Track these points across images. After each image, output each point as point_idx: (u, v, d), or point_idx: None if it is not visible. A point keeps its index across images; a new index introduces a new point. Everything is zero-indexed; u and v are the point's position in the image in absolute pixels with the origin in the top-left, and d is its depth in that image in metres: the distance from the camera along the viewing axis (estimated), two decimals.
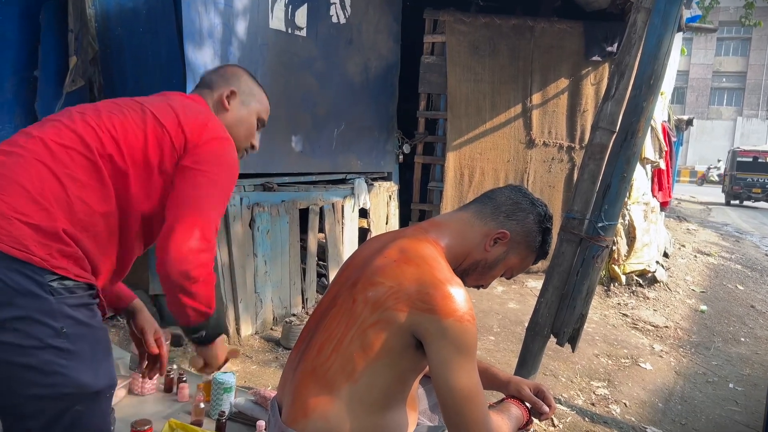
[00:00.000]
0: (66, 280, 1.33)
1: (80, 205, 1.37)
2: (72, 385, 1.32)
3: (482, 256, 1.52)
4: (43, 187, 1.33)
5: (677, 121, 10.83)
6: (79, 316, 1.34)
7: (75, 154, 1.38)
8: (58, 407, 1.33)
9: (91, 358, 1.36)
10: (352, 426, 1.34)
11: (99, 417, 1.41)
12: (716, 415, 3.50)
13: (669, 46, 2.58)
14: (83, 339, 1.35)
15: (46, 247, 1.30)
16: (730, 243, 9.45)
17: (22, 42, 3.29)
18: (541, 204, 1.57)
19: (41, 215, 1.31)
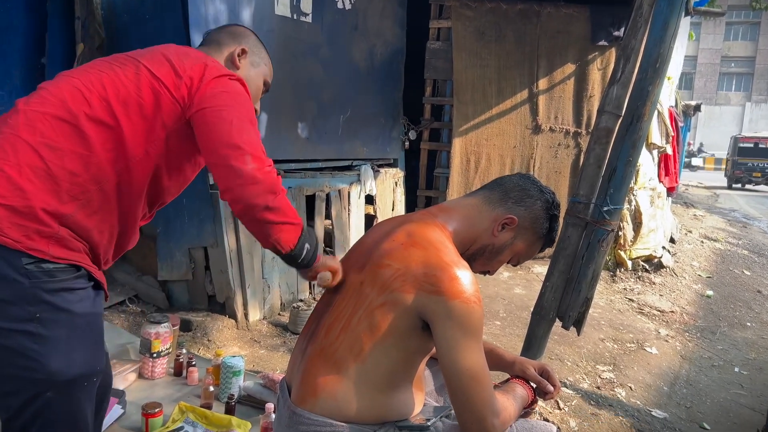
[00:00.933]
0: (45, 263, 1.28)
1: (64, 174, 1.32)
2: (43, 372, 1.30)
3: (490, 241, 1.54)
4: (20, 163, 1.28)
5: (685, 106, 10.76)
6: (56, 301, 1.30)
7: (56, 122, 1.33)
8: (31, 391, 1.31)
9: (65, 346, 1.32)
10: (360, 405, 1.36)
11: (73, 405, 1.37)
12: (721, 399, 3.52)
13: (675, 30, 2.57)
14: (59, 325, 1.31)
15: (21, 228, 1.26)
16: (737, 229, 9.42)
17: (30, 29, 3.31)
18: (549, 192, 1.59)
19: (16, 195, 1.26)
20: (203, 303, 3.93)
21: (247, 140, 1.36)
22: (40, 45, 3.36)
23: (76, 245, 1.35)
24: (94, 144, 1.34)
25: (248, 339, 3.72)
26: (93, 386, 1.43)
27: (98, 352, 1.43)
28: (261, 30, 3.92)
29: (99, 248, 1.44)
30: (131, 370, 2.71)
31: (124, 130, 1.38)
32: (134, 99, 1.39)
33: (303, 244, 1.45)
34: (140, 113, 1.39)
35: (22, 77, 3.28)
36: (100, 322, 1.44)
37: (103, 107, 1.36)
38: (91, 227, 1.38)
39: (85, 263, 1.37)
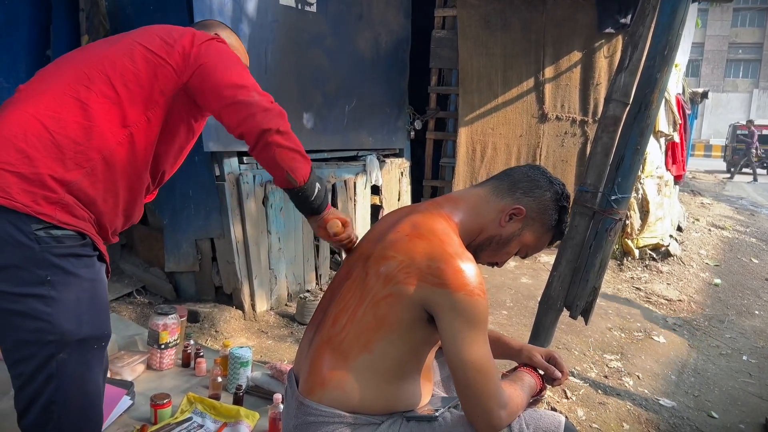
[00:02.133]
0: (53, 229, 1.34)
1: (69, 143, 1.37)
2: (55, 332, 1.35)
3: (497, 231, 1.52)
4: (26, 133, 1.34)
5: (692, 93, 10.69)
6: (65, 265, 1.36)
7: (59, 95, 1.40)
8: (44, 353, 1.36)
9: (75, 307, 1.38)
10: (367, 395, 1.37)
11: (83, 366, 1.42)
12: (729, 387, 3.51)
13: (684, 16, 2.54)
14: (69, 287, 1.37)
15: (30, 194, 1.32)
16: (744, 217, 9.37)
17: (34, 22, 3.30)
18: (559, 183, 1.57)
19: (24, 163, 1.32)
20: (210, 294, 3.94)
21: (248, 81, 1.46)
22: (44, 37, 3.36)
23: (81, 213, 1.40)
24: (95, 115, 1.40)
25: (255, 330, 3.73)
26: (101, 351, 1.48)
27: (104, 316, 1.48)
28: (266, 20, 3.90)
29: (104, 217, 1.48)
30: (139, 361, 2.73)
31: (124, 101, 1.44)
32: (130, 71, 1.45)
33: (314, 181, 1.52)
34: (137, 83, 1.46)
35: (27, 70, 3.28)
36: (105, 291, 1.49)
37: (103, 80, 1.42)
38: (96, 196, 1.43)
39: (90, 232, 1.43)
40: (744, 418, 3.14)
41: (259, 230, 3.94)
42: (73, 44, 3.51)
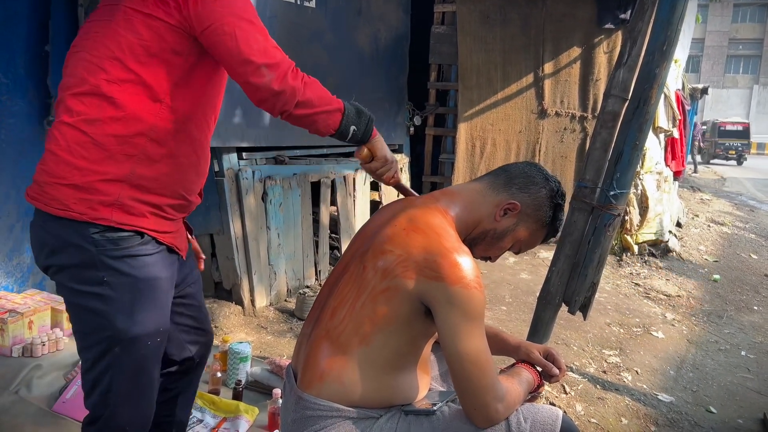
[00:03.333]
0: (109, 232, 1.40)
1: (109, 140, 1.39)
2: (111, 329, 1.43)
3: (492, 225, 1.53)
4: (69, 144, 1.39)
5: (692, 89, 10.67)
6: (120, 267, 1.42)
7: (85, 98, 1.40)
8: (101, 346, 1.45)
9: (129, 307, 1.44)
10: (366, 388, 1.37)
11: (138, 361, 1.49)
12: (728, 383, 3.52)
13: (683, 12, 2.54)
14: (124, 288, 1.43)
15: (86, 202, 1.38)
16: (744, 212, 9.38)
17: (33, 17, 3.29)
18: (555, 180, 1.58)
19: (74, 174, 1.38)
20: (210, 290, 3.95)
21: (256, 49, 1.39)
22: (43, 32, 3.34)
23: (141, 209, 1.44)
24: (124, 103, 1.40)
25: (255, 325, 3.74)
26: (157, 346, 1.53)
27: (161, 314, 1.52)
28: (264, 16, 3.90)
29: (178, 186, 1.52)
30: None
31: (144, 77, 1.41)
32: (137, 44, 1.40)
33: (347, 126, 1.51)
34: (148, 54, 1.41)
35: (26, 65, 3.27)
36: (165, 286, 1.53)
37: (116, 66, 1.40)
38: (159, 174, 1.46)
39: (148, 229, 1.46)
40: (742, 413, 3.15)
41: (258, 226, 3.95)
42: (72, 39, 3.50)
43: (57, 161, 1.40)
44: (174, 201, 1.53)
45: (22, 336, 2.71)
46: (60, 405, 2.38)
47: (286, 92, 1.40)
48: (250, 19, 1.42)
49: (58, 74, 3.42)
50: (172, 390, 1.80)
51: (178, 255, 1.60)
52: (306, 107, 1.44)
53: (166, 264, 1.54)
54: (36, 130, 3.36)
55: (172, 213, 1.54)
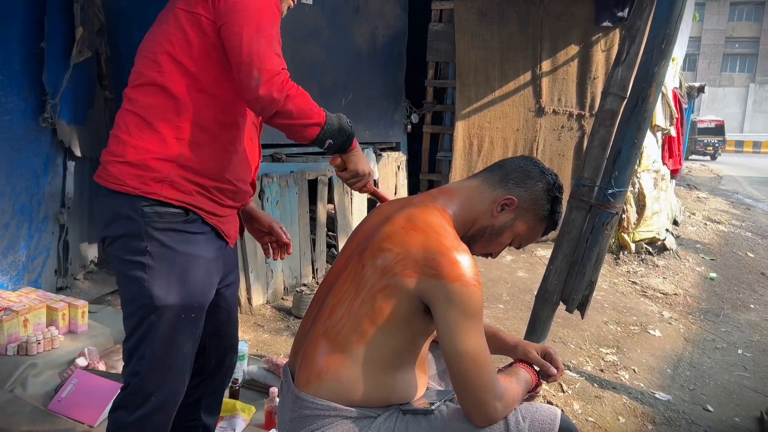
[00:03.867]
0: (158, 206, 1.53)
1: (162, 124, 1.53)
2: (147, 295, 1.53)
3: (489, 222, 1.52)
4: (128, 127, 1.55)
5: (689, 88, 10.69)
6: (163, 239, 1.54)
7: (143, 88, 1.56)
8: (139, 314, 1.55)
9: (167, 277, 1.54)
10: (364, 386, 1.36)
11: (170, 331, 1.57)
12: (725, 381, 3.52)
13: (682, 10, 2.53)
14: (164, 259, 1.54)
15: (139, 177, 1.52)
16: (740, 211, 9.39)
17: (28, 13, 3.27)
18: (552, 173, 1.56)
19: (130, 152, 1.53)
20: None
21: (255, 50, 1.47)
22: (39, 29, 3.32)
23: (187, 187, 1.55)
24: (175, 92, 1.53)
25: (252, 323, 3.73)
26: (191, 321, 1.61)
27: (198, 290, 1.60)
28: None
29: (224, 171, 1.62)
30: None
31: (190, 69, 1.54)
32: (182, 39, 1.54)
33: (323, 139, 1.57)
34: (191, 48, 1.54)
35: (21, 62, 3.25)
36: (206, 266, 1.62)
37: (167, 60, 1.54)
38: (205, 158, 1.57)
39: (195, 206, 1.57)
40: (739, 412, 3.15)
41: None
42: (68, 36, 3.49)
43: (117, 142, 1.55)
44: (220, 184, 1.62)
45: (17, 334, 2.69)
46: (55, 404, 2.37)
47: (264, 100, 1.46)
48: (261, 23, 1.50)
49: (54, 71, 3.43)
50: (193, 394, 1.83)
51: (225, 243, 1.69)
52: (284, 118, 1.51)
53: (211, 246, 1.63)
54: (31, 127, 3.34)
55: (219, 197, 1.63)
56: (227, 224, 1.68)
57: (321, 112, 1.55)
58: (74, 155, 3.63)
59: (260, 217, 1.97)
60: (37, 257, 3.47)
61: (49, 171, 3.50)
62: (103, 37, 3.82)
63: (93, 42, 3.66)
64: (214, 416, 1.98)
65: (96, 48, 3.73)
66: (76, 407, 2.35)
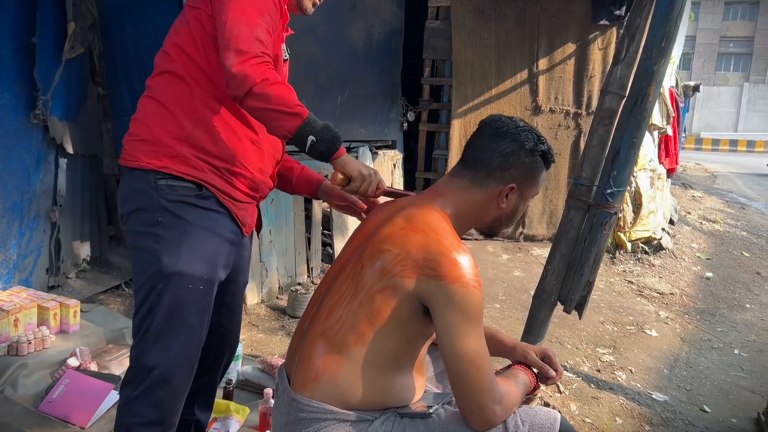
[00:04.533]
0: (171, 179, 1.58)
1: (175, 105, 1.59)
2: (156, 264, 1.57)
3: (499, 212, 1.50)
4: (146, 109, 1.63)
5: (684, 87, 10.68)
6: (174, 210, 1.58)
7: (159, 77, 1.64)
8: (149, 284, 1.59)
9: (177, 246, 1.58)
10: (361, 389, 1.35)
11: (177, 300, 1.59)
12: (721, 381, 3.51)
13: (682, 8, 2.51)
14: (175, 228, 1.58)
15: (153, 153, 1.58)
16: (735, 210, 9.40)
17: (19, 7, 3.22)
18: (524, 129, 1.49)
19: (145, 131, 1.60)
20: None
21: (235, 35, 1.47)
22: (30, 24, 3.28)
23: (200, 165, 1.60)
24: (186, 76, 1.60)
25: (246, 323, 3.70)
26: (199, 293, 1.62)
27: (206, 262, 1.63)
28: None
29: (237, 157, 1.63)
30: (128, 355, 2.68)
31: (195, 58, 1.60)
32: (187, 31, 1.61)
33: (304, 135, 1.50)
34: (195, 40, 1.60)
35: (12, 57, 3.20)
36: (218, 241, 1.65)
37: (176, 51, 1.62)
38: (217, 141, 1.61)
39: (208, 183, 1.61)
40: (736, 413, 3.14)
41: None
42: (60, 31, 3.44)
43: (135, 124, 1.63)
44: (233, 168, 1.63)
45: (7, 334, 2.66)
46: (46, 405, 2.34)
47: (238, 77, 1.45)
48: (247, 10, 1.51)
49: (45, 67, 3.39)
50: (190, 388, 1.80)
51: (240, 231, 1.71)
52: (260, 100, 1.46)
53: (225, 227, 1.66)
54: (22, 123, 3.30)
55: (233, 180, 1.65)
56: (243, 211, 1.70)
57: (304, 108, 1.50)
58: (66, 152, 3.59)
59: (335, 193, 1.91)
60: (29, 256, 3.43)
61: (41, 168, 3.46)
62: (96, 32, 3.78)
63: (85, 37, 3.62)
64: (207, 412, 1.99)
65: (88, 43, 3.70)
66: (68, 408, 2.31)
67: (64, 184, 3.61)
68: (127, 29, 3.72)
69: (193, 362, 1.68)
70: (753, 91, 37.12)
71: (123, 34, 3.75)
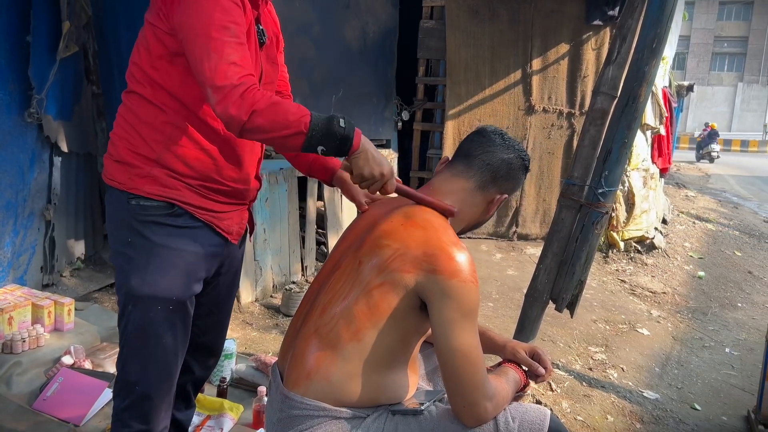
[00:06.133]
0: (142, 200, 1.56)
1: (142, 126, 1.57)
2: (124, 286, 1.59)
3: (484, 217, 1.58)
4: (119, 131, 1.61)
5: (678, 87, 10.73)
6: (143, 231, 1.57)
7: (126, 96, 1.62)
8: (122, 301, 1.62)
9: (144, 268, 1.58)
10: (354, 386, 1.35)
11: (146, 321, 1.59)
12: (712, 379, 3.54)
13: (673, 9, 2.53)
14: (142, 250, 1.57)
15: (125, 173, 1.57)
16: (728, 209, 9.45)
17: (14, 6, 3.22)
18: (521, 150, 1.57)
19: (118, 152, 1.59)
20: None
21: (207, 68, 1.40)
22: (24, 23, 3.28)
23: (171, 182, 1.57)
24: (152, 100, 1.56)
25: (240, 321, 3.71)
26: (170, 314, 1.61)
27: (175, 282, 1.61)
28: None
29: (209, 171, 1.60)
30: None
31: (154, 77, 1.56)
32: (146, 49, 1.56)
33: (312, 146, 1.42)
34: (154, 57, 1.55)
35: (6, 55, 3.20)
36: (188, 258, 1.62)
37: (137, 69, 1.58)
38: (186, 158, 1.57)
39: (180, 201, 1.58)
40: (726, 410, 3.17)
41: None
42: (54, 30, 3.44)
43: (111, 143, 1.63)
44: (207, 184, 1.61)
45: (1, 332, 2.66)
46: (40, 402, 2.34)
47: (224, 119, 1.41)
48: (209, 33, 1.42)
49: (40, 65, 3.39)
50: None
51: (224, 239, 1.69)
52: (256, 133, 1.41)
53: (202, 240, 1.63)
54: (17, 122, 3.30)
55: (210, 194, 1.62)
56: (227, 220, 1.67)
57: (302, 119, 1.40)
58: (61, 151, 3.59)
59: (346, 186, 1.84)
60: (23, 254, 3.43)
61: (35, 167, 3.46)
62: (90, 31, 3.78)
63: (80, 36, 3.62)
64: (188, 412, 1.98)
65: (83, 42, 3.70)
66: (62, 406, 2.32)
67: (58, 182, 3.61)
68: (121, 28, 3.72)
69: (173, 375, 1.70)
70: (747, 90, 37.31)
71: (117, 32, 3.75)
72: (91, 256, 4.02)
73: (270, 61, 1.74)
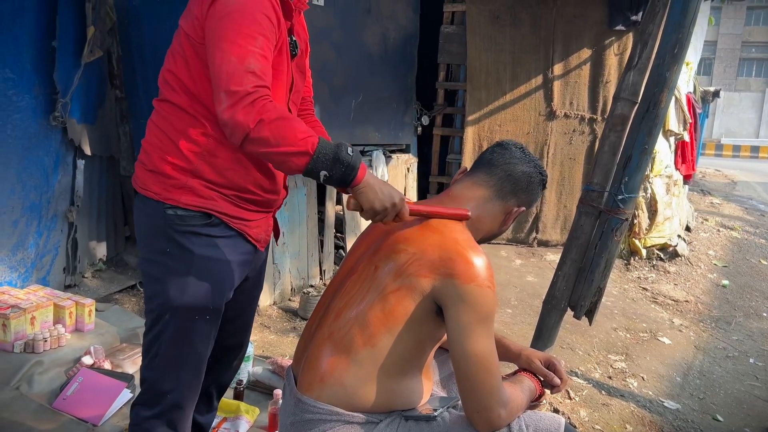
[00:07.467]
0: (179, 210, 1.55)
1: (178, 136, 1.56)
2: (163, 294, 1.58)
3: (501, 228, 1.57)
4: (151, 138, 1.60)
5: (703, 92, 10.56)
6: (183, 241, 1.56)
7: (160, 104, 1.61)
8: (157, 311, 1.60)
9: (184, 278, 1.57)
10: (368, 392, 1.35)
11: (183, 331, 1.60)
12: (735, 390, 3.47)
13: (695, 14, 2.50)
14: (182, 261, 1.57)
15: (161, 184, 1.56)
16: (754, 217, 9.27)
17: (40, 11, 3.29)
18: (540, 165, 1.59)
19: (153, 161, 1.58)
20: None
21: (224, 72, 1.39)
22: (50, 28, 3.34)
23: (209, 193, 1.57)
24: (187, 109, 1.56)
25: (258, 324, 3.72)
26: (205, 323, 1.63)
27: (213, 292, 1.61)
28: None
29: (243, 181, 1.60)
30: (141, 354, 2.72)
31: (190, 87, 1.55)
32: (181, 57, 1.56)
33: (315, 170, 1.40)
34: (190, 68, 1.54)
35: (32, 60, 3.26)
36: (227, 268, 1.63)
37: (172, 78, 1.57)
38: (222, 168, 1.57)
39: (216, 211, 1.58)
40: (749, 422, 3.11)
41: None
42: (80, 35, 3.50)
43: (144, 151, 1.61)
44: (241, 194, 1.61)
45: (24, 332, 2.71)
46: (60, 402, 2.38)
47: (229, 125, 1.38)
48: (236, 40, 1.42)
49: (65, 70, 3.45)
50: None
51: (254, 247, 1.69)
52: (259, 145, 1.38)
53: (236, 250, 1.64)
54: (42, 125, 3.36)
55: (243, 204, 1.63)
56: (256, 228, 1.68)
57: (309, 139, 1.38)
58: (84, 154, 3.65)
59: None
60: (46, 255, 3.49)
61: (59, 169, 3.52)
62: (115, 36, 3.83)
63: (104, 41, 3.67)
64: (204, 415, 1.99)
65: (107, 47, 3.75)
66: (81, 406, 2.35)
67: (81, 185, 3.67)
68: (145, 33, 3.77)
69: (201, 382, 1.72)
70: None
71: (141, 38, 3.80)
72: (112, 257, 4.08)
73: (299, 71, 1.75)
